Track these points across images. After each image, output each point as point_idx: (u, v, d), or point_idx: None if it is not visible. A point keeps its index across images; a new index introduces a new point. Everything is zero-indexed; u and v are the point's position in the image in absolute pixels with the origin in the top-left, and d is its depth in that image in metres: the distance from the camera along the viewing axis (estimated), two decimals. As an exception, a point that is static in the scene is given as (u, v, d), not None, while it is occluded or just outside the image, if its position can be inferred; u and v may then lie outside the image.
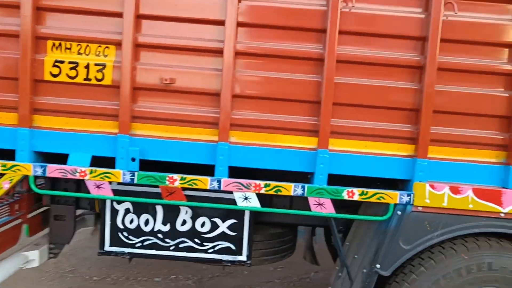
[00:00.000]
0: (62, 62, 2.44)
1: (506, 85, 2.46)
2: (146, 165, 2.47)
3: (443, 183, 2.47)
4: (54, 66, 2.44)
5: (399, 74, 2.44)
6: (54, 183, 2.79)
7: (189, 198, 2.52)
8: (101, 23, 2.43)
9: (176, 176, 2.44)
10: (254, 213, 2.72)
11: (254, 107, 2.46)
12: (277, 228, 3.03)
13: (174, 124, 2.45)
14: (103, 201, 2.70)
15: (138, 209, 2.70)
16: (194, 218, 2.71)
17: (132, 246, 2.72)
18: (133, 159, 2.41)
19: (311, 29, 2.42)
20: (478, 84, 2.46)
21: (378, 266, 2.55)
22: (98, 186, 2.48)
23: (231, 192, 2.49)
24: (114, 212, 2.70)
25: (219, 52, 2.42)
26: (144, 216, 2.71)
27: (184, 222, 2.71)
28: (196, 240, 2.72)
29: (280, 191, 2.46)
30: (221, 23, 2.41)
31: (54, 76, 2.44)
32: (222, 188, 2.44)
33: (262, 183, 2.45)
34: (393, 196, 2.46)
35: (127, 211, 2.70)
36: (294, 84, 2.45)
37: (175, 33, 2.44)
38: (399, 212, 2.51)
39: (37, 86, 2.45)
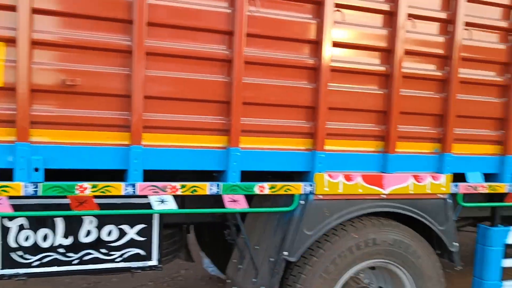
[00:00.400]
0: None
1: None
2: (57, 174, 2.26)
3: (338, 172, 2.77)
4: None
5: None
6: None
7: (102, 206, 2.37)
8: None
9: (86, 184, 2.28)
10: (162, 216, 2.67)
11: (166, 108, 2.43)
12: (167, 230, 3.00)
13: (81, 129, 2.28)
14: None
15: (35, 224, 2.43)
16: (99, 227, 2.54)
17: (28, 265, 2.44)
18: (37, 169, 2.18)
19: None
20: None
21: (285, 253, 2.74)
22: (-7, 202, 2.18)
23: (146, 197, 2.42)
24: (5, 231, 2.39)
25: (127, 52, 2.33)
26: (42, 231, 2.45)
27: (88, 233, 2.53)
28: (102, 250, 2.57)
29: (196, 191, 2.48)
30: (129, 22, 2.32)
31: None
32: (137, 193, 2.36)
33: (178, 184, 2.44)
34: (298, 187, 2.68)
35: (21, 227, 2.41)
36: (202, 84, 2.49)
37: (78, 31, 2.27)
38: (302, 202, 2.74)
39: None
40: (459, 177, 3.11)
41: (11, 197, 2.21)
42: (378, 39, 2.80)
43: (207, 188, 2.49)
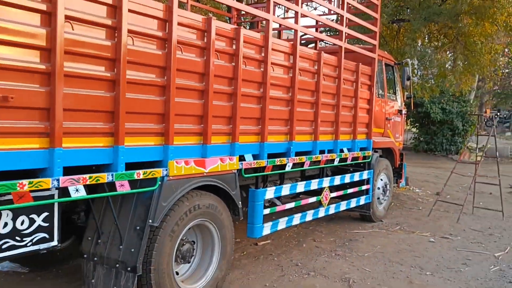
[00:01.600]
0: None
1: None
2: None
3: (181, 159, 3.95)
4: None
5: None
6: None
7: (36, 198, 2.92)
8: None
9: (25, 182, 2.82)
10: (59, 204, 3.30)
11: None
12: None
13: None
14: None
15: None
16: (14, 219, 3.03)
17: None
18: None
19: None
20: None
21: (150, 221, 3.75)
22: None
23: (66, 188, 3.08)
24: None
25: None
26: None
27: (5, 224, 2.98)
28: (17, 237, 3.06)
29: (99, 180, 3.26)
30: None
31: None
32: (61, 185, 3.02)
33: (87, 176, 3.18)
34: (159, 172, 3.74)
35: None
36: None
37: None
38: (160, 183, 3.80)
39: None
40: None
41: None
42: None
43: (105, 177, 3.31)
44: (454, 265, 5.87)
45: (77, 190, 3.19)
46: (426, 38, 11.73)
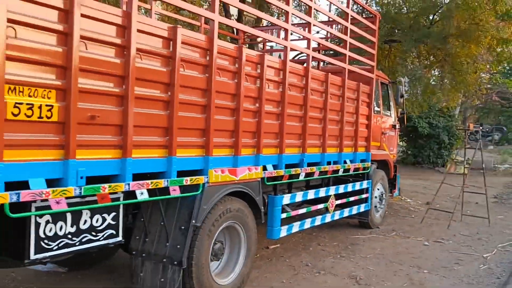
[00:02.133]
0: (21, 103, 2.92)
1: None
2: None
3: (218, 168, 4.57)
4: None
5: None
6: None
7: (113, 199, 3.52)
8: None
9: (106, 185, 3.42)
10: (125, 206, 3.90)
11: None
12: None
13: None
14: (27, 217, 3.19)
15: (55, 219, 3.35)
16: (91, 217, 3.62)
17: (51, 249, 3.34)
18: (82, 177, 3.24)
19: None
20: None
21: (194, 221, 4.36)
22: (57, 202, 3.11)
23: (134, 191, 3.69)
24: (37, 225, 3.24)
25: None
26: (59, 224, 3.39)
27: (85, 222, 3.58)
28: (93, 233, 3.64)
29: (158, 185, 3.87)
30: None
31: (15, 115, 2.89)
32: (130, 189, 3.62)
33: (149, 181, 3.79)
34: (202, 179, 4.35)
35: (47, 222, 3.30)
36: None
37: None
38: (202, 188, 4.41)
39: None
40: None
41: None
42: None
43: (163, 182, 3.92)
44: (448, 265, 6.55)
45: (142, 193, 3.79)
46: (416, 58, 12.55)
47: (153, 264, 4.43)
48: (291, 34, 5.83)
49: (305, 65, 6.08)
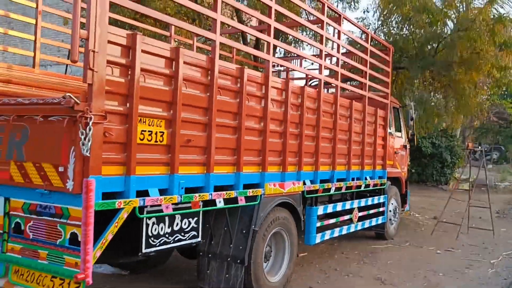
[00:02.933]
0: (145, 131, 3.85)
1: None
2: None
3: (271, 182, 5.48)
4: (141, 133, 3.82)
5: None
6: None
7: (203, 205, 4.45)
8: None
9: (196, 195, 4.33)
10: (203, 212, 4.80)
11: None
12: None
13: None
14: (141, 219, 4.08)
15: (158, 221, 4.24)
16: (181, 221, 4.52)
17: (155, 246, 4.22)
18: (182, 188, 4.15)
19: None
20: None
21: (253, 226, 5.24)
22: (167, 207, 4.02)
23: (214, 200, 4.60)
24: (147, 226, 4.14)
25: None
26: (161, 225, 4.27)
27: (177, 224, 4.47)
28: (182, 233, 4.54)
29: (230, 195, 4.78)
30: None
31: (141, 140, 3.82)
32: (213, 198, 4.53)
33: (225, 192, 4.70)
34: (259, 191, 5.25)
35: (153, 224, 4.20)
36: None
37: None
38: (259, 199, 5.31)
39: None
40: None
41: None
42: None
43: (234, 193, 4.83)
44: (460, 269, 7.43)
45: (220, 202, 4.70)
46: (422, 83, 13.59)
47: (219, 263, 5.29)
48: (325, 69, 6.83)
49: (324, 91, 7.05)
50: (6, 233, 3.82)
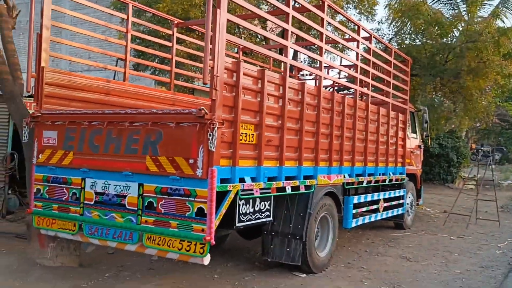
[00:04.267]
0: (243, 133, 5.14)
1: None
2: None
3: (321, 175, 6.75)
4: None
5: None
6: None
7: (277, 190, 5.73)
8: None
9: (274, 183, 5.61)
10: (274, 197, 6.07)
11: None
12: None
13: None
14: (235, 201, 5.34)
15: (246, 203, 5.51)
16: (260, 203, 5.79)
17: (243, 222, 5.49)
18: (266, 177, 5.43)
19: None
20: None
21: (309, 210, 6.51)
22: (256, 191, 5.31)
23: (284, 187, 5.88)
24: (239, 206, 5.39)
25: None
26: (247, 206, 5.54)
27: (257, 206, 5.74)
28: (259, 213, 5.81)
29: (295, 184, 6.06)
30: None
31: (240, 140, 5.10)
32: (284, 185, 5.81)
33: (291, 181, 5.98)
34: (313, 182, 6.53)
35: (243, 204, 5.46)
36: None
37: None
38: (314, 188, 6.58)
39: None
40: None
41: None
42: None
43: (297, 182, 6.10)
44: (472, 251, 8.71)
45: (288, 189, 5.97)
46: (433, 89, 14.89)
47: (280, 239, 6.56)
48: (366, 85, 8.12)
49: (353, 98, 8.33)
50: (140, 209, 5.08)
